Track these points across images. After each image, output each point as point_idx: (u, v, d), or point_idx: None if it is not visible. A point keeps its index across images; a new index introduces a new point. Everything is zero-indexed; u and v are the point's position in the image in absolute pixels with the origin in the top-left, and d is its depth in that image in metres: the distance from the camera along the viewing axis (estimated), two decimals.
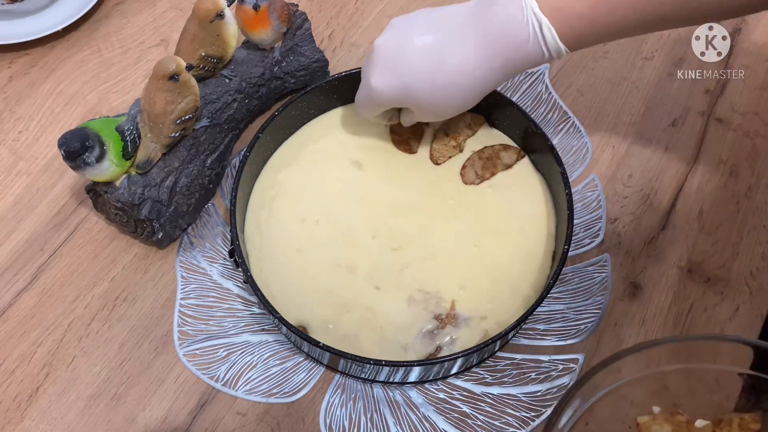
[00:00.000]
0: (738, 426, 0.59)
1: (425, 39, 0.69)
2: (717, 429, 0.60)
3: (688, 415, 0.61)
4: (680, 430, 0.60)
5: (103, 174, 0.72)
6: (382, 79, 0.71)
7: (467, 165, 0.81)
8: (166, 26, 0.95)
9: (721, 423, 0.60)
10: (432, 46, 0.69)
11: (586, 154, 0.85)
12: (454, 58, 0.69)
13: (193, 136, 0.78)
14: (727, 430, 0.59)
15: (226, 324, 0.75)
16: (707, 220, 0.82)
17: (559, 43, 0.67)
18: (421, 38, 0.69)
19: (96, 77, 0.91)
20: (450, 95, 0.71)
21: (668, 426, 0.60)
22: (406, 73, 0.70)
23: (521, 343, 0.75)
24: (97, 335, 0.75)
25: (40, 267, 0.78)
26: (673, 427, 0.60)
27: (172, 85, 0.72)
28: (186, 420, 0.71)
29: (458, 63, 0.69)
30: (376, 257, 0.76)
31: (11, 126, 0.87)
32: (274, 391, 0.72)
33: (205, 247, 0.80)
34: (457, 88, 0.70)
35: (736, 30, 0.94)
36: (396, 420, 0.71)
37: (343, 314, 0.73)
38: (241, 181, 0.75)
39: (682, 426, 0.60)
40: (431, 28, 0.70)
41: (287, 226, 0.78)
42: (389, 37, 0.71)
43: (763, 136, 0.87)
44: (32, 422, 0.71)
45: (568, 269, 0.78)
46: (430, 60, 0.69)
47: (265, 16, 0.79)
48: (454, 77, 0.69)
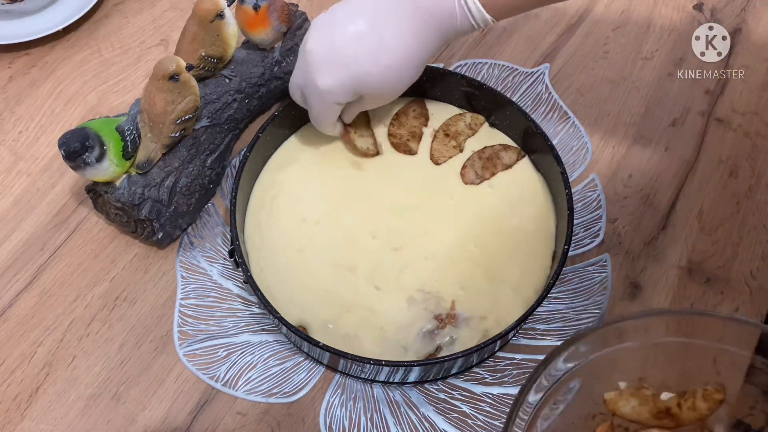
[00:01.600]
0: (702, 396, 0.60)
1: (358, 26, 0.70)
2: (681, 400, 0.61)
3: (653, 388, 0.62)
4: (646, 403, 0.61)
5: (103, 174, 0.72)
6: (329, 78, 0.71)
7: (467, 165, 0.81)
8: (166, 26, 0.95)
9: (686, 394, 0.61)
10: (366, 30, 0.70)
11: (586, 154, 0.85)
12: (392, 38, 0.69)
13: (193, 136, 0.78)
14: (692, 401, 0.60)
15: (226, 324, 0.75)
16: (707, 220, 0.82)
17: (485, 14, 0.69)
18: (354, 25, 0.70)
19: (96, 77, 0.91)
20: (397, 73, 0.71)
21: (634, 400, 0.61)
22: (351, 63, 0.70)
23: (521, 343, 0.75)
24: (97, 335, 0.75)
25: (40, 267, 0.78)
26: (640, 401, 0.61)
27: (172, 85, 0.72)
28: (186, 420, 0.71)
29: (397, 41, 0.70)
30: (376, 257, 0.76)
31: (11, 126, 0.87)
32: (274, 391, 0.72)
33: (205, 247, 0.80)
34: (401, 64, 0.71)
35: (736, 30, 0.94)
36: (396, 420, 0.71)
37: (343, 314, 0.73)
38: (241, 181, 0.75)
39: (648, 399, 0.61)
40: (359, 14, 0.70)
41: (287, 226, 0.78)
42: (318, 37, 0.71)
43: (763, 136, 0.87)
44: (32, 422, 0.71)
45: (568, 269, 0.78)
46: (370, 44, 0.70)
47: (265, 16, 0.79)
48: (397, 55, 0.70)
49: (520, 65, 0.92)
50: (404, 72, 0.72)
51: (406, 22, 0.69)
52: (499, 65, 0.92)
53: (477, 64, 0.92)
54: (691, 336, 0.61)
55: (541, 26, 0.95)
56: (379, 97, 0.74)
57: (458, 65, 0.91)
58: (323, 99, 0.73)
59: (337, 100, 0.73)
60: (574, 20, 0.96)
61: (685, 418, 0.61)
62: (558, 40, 0.94)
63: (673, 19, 0.96)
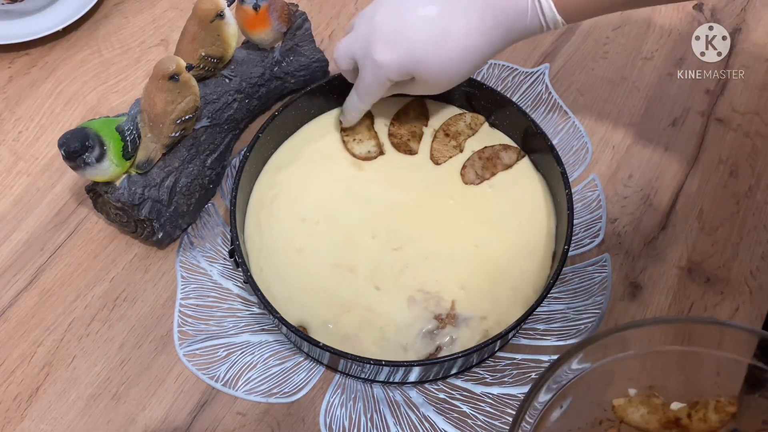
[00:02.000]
0: (714, 408, 0.59)
1: (428, 10, 0.69)
2: (693, 411, 0.60)
3: (663, 397, 0.61)
4: (656, 412, 0.60)
5: (103, 174, 0.72)
6: (389, 54, 0.70)
7: (467, 165, 0.81)
8: (166, 26, 0.95)
9: (697, 405, 0.60)
10: (436, 16, 0.69)
11: (586, 154, 0.85)
12: (458, 29, 0.69)
13: (193, 136, 0.78)
14: (703, 412, 0.59)
15: (226, 324, 0.75)
16: (707, 220, 0.82)
17: (556, 15, 0.68)
18: (424, 9, 0.69)
19: (96, 77, 0.91)
20: (456, 65, 0.71)
21: (644, 408, 0.61)
22: (413, 45, 0.70)
23: (521, 343, 0.75)
24: (97, 335, 0.75)
25: (40, 267, 0.78)
26: (649, 409, 0.60)
27: (172, 85, 0.72)
28: (186, 420, 0.71)
29: (463, 34, 0.69)
30: (376, 257, 0.76)
31: (11, 126, 0.87)
32: (274, 391, 0.72)
33: (205, 247, 0.80)
34: (462, 58, 0.70)
35: (736, 30, 0.94)
36: (396, 420, 0.71)
37: (343, 314, 0.73)
38: (241, 181, 0.75)
39: (658, 408, 0.60)
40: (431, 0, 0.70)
41: (287, 226, 0.78)
42: (387, 12, 0.71)
43: (763, 136, 0.87)
44: (32, 422, 0.71)
45: (568, 269, 0.78)
46: (436, 30, 0.69)
47: (265, 16, 0.79)
48: (460, 48, 0.70)
49: (520, 65, 0.92)
50: (463, 66, 0.71)
51: (476, 16, 0.69)
52: (499, 65, 0.92)
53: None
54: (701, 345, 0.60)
55: None
56: (432, 84, 0.73)
57: None
58: (377, 72, 0.72)
59: (391, 77, 0.72)
60: None
61: (695, 429, 0.60)
62: (558, 40, 0.94)
63: (673, 19, 0.96)
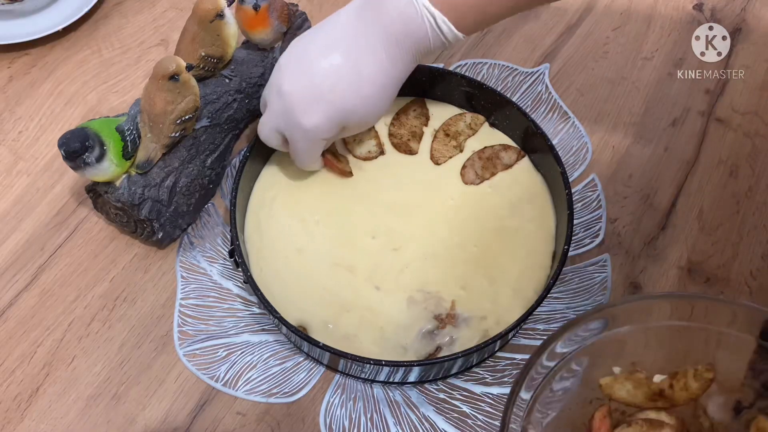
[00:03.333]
0: (693, 376, 0.62)
1: (333, 59, 0.69)
2: (674, 381, 0.62)
3: (646, 372, 0.64)
4: (640, 386, 0.63)
5: (103, 174, 0.72)
6: (314, 116, 0.70)
7: (467, 165, 0.81)
8: (166, 26, 0.95)
9: (677, 375, 0.63)
10: (344, 63, 0.69)
11: (586, 154, 0.85)
12: (370, 67, 0.69)
13: (193, 136, 0.78)
14: (683, 381, 0.62)
15: (226, 324, 0.75)
16: (707, 220, 0.82)
17: (455, 32, 0.68)
18: (328, 60, 0.69)
19: (96, 77, 0.91)
20: (379, 100, 0.71)
21: (629, 384, 0.63)
22: (334, 99, 0.69)
23: (521, 343, 0.75)
24: (97, 335, 0.75)
25: (40, 267, 0.78)
26: (634, 384, 0.63)
27: (172, 85, 0.72)
28: (186, 420, 0.71)
29: (376, 70, 0.69)
30: (375, 257, 0.76)
31: (11, 126, 0.87)
32: (274, 391, 0.72)
33: (205, 247, 0.80)
34: (383, 93, 0.71)
35: (736, 30, 0.94)
36: (396, 420, 0.71)
37: (342, 314, 0.73)
38: (241, 181, 0.75)
39: (642, 382, 0.63)
40: (331, 47, 0.69)
41: (287, 226, 0.78)
42: (293, 78, 0.70)
43: (763, 136, 0.87)
44: (32, 422, 0.71)
45: (568, 269, 0.78)
46: (350, 77, 0.69)
47: (265, 16, 0.79)
48: (378, 84, 0.70)
49: (520, 65, 0.92)
50: (385, 97, 0.71)
51: (381, 49, 0.69)
52: (499, 65, 0.92)
53: (477, 64, 0.92)
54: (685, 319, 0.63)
55: (541, 26, 0.95)
56: (363, 125, 0.74)
57: (458, 65, 0.91)
58: (309, 138, 0.72)
59: (324, 136, 0.72)
60: (574, 20, 0.96)
61: (678, 398, 0.62)
62: (558, 40, 0.94)
63: (673, 19, 0.96)
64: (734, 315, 0.62)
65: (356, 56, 0.69)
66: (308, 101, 0.70)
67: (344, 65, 0.69)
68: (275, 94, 0.71)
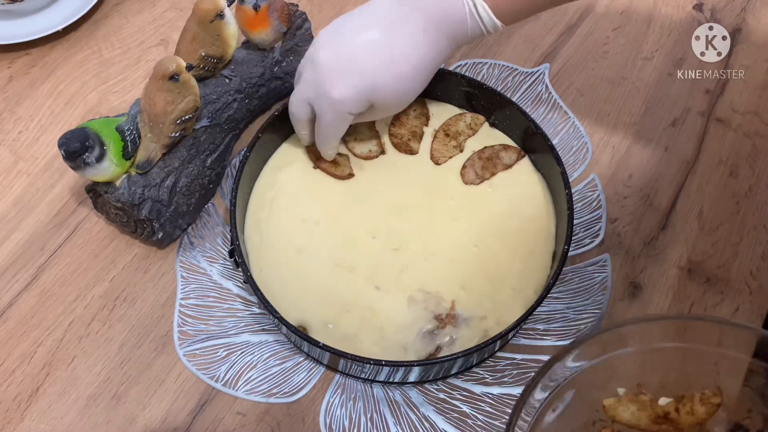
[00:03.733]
0: (699, 401, 0.61)
1: (370, 34, 0.69)
2: (680, 405, 0.61)
3: (651, 394, 0.62)
4: (645, 409, 0.62)
5: (103, 174, 0.72)
6: (344, 87, 0.70)
7: (467, 165, 0.81)
8: (166, 26, 0.95)
9: (684, 399, 0.61)
10: (380, 40, 0.69)
11: (586, 154, 0.85)
12: (406, 47, 0.69)
13: (193, 136, 0.78)
14: (690, 405, 0.61)
15: (226, 324, 0.75)
16: (707, 220, 0.82)
17: (494, 20, 0.69)
18: (366, 34, 0.70)
19: (96, 77, 0.91)
20: (411, 83, 0.71)
21: (633, 406, 0.62)
22: (366, 73, 0.70)
23: (521, 343, 0.75)
24: (97, 335, 0.75)
25: (40, 267, 0.78)
26: (638, 406, 0.62)
27: (172, 85, 0.72)
28: (186, 420, 0.71)
29: (411, 50, 0.69)
30: (376, 257, 0.76)
31: (11, 126, 0.87)
32: (274, 391, 0.72)
33: (205, 247, 0.80)
34: (415, 75, 0.71)
35: (736, 30, 0.94)
36: (396, 420, 0.71)
37: (343, 314, 0.73)
38: (241, 181, 0.75)
39: (647, 405, 0.62)
40: (369, 24, 0.70)
41: (287, 226, 0.78)
42: (329, 48, 0.70)
43: (763, 136, 0.87)
44: (32, 422, 0.71)
45: (568, 269, 0.78)
46: (384, 53, 0.69)
47: (265, 16, 0.79)
48: (411, 65, 0.70)
49: (520, 65, 0.92)
50: (418, 79, 0.72)
51: (419, 31, 0.69)
52: (499, 65, 0.92)
53: (477, 64, 0.92)
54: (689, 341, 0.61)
55: (541, 26, 0.95)
56: (391, 105, 0.74)
57: (458, 65, 0.91)
58: (337, 109, 0.72)
59: (351, 110, 0.72)
60: (574, 20, 0.96)
61: (684, 422, 0.61)
62: (558, 40, 0.94)
63: (673, 19, 0.96)
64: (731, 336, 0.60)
65: (393, 34, 0.69)
66: (340, 72, 0.70)
67: (379, 41, 0.69)
68: (309, 63, 0.72)
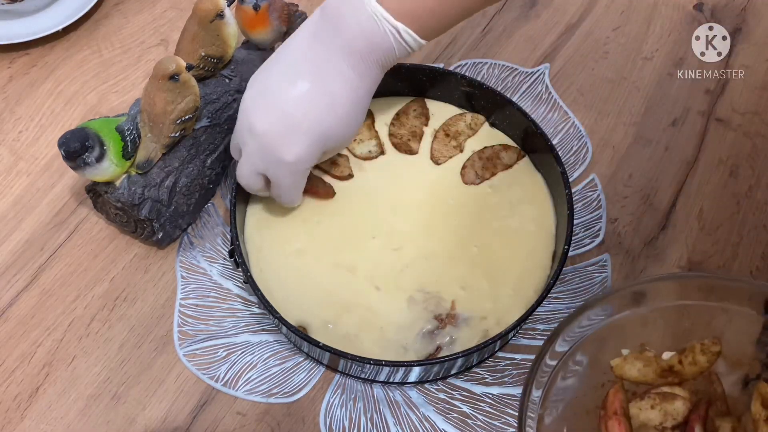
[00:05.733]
0: (700, 351, 0.64)
1: (301, 87, 0.68)
2: (682, 357, 0.65)
3: (654, 350, 0.66)
4: (650, 364, 0.65)
5: (103, 174, 0.72)
6: (296, 149, 0.68)
7: (467, 165, 0.81)
8: (166, 26, 0.95)
9: (685, 351, 0.65)
10: (312, 89, 0.68)
11: (586, 154, 0.85)
12: (341, 88, 0.68)
13: (193, 136, 0.78)
14: (692, 355, 0.64)
15: (226, 324, 0.75)
16: (707, 220, 0.82)
17: (419, 41, 0.68)
18: (297, 89, 0.68)
19: (96, 77, 0.91)
20: (354, 118, 0.70)
21: (639, 363, 0.65)
22: (312, 127, 0.68)
23: (521, 343, 0.75)
24: (97, 335, 0.75)
25: (40, 267, 0.78)
26: (644, 363, 0.65)
27: (172, 85, 0.72)
28: (186, 420, 0.71)
29: (347, 90, 0.68)
30: (376, 257, 0.76)
31: (11, 126, 0.87)
32: (274, 391, 0.72)
33: (205, 247, 0.80)
34: (357, 108, 0.70)
35: (736, 30, 0.94)
36: (396, 420, 0.71)
37: (343, 314, 0.73)
38: None
39: (651, 360, 0.65)
40: (296, 75, 0.68)
41: (287, 226, 0.78)
42: (263, 113, 0.68)
43: (763, 136, 0.87)
44: (32, 422, 0.71)
45: (568, 269, 0.78)
46: (321, 102, 0.68)
47: (265, 16, 0.79)
48: (350, 101, 0.69)
49: (520, 65, 0.92)
50: (360, 112, 0.71)
51: (347, 66, 0.67)
52: (499, 65, 0.92)
53: (477, 64, 0.92)
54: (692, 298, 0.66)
55: (541, 26, 0.95)
56: (343, 144, 0.73)
57: (458, 65, 0.91)
58: (294, 171, 0.70)
59: (308, 165, 0.71)
60: (574, 20, 0.96)
61: (688, 372, 0.64)
62: (558, 40, 0.94)
63: (673, 19, 0.96)
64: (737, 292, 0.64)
65: (323, 78, 0.68)
66: (285, 134, 0.68)
67: (313, 89, 0.68)
68: (248, 135, 0.69)
